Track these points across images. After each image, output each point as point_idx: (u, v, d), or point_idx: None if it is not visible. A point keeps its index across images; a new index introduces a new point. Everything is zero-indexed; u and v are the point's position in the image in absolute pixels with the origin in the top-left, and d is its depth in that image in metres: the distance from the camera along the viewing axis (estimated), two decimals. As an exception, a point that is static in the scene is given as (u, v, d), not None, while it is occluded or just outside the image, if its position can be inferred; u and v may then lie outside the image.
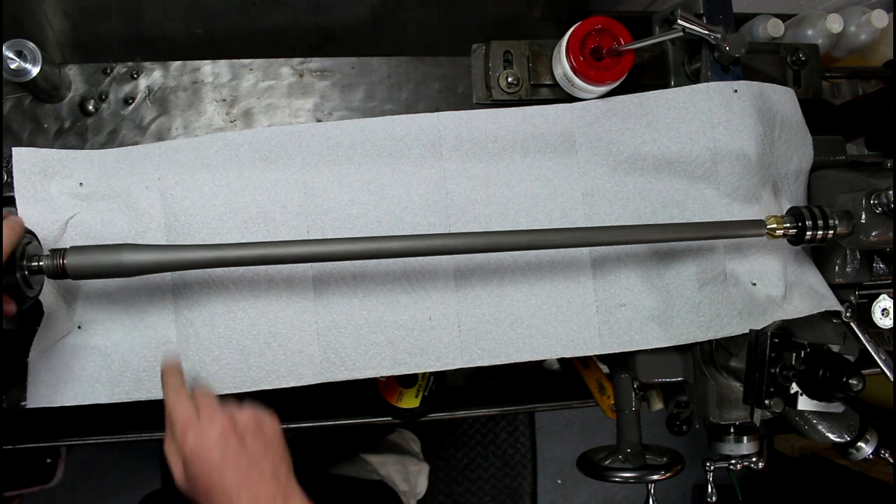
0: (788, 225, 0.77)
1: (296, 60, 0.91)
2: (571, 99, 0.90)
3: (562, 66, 0.86)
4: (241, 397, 0.79)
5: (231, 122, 0.89)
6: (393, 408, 1.01)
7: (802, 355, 0.72)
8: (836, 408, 0.75)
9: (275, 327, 0.79)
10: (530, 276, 0.85)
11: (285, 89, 0.90)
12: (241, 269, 0.78)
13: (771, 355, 0.74)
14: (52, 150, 0.78)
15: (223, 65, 0.89)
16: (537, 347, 0.84)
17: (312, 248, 0.68)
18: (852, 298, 0.90)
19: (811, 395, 0.72)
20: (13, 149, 0.76)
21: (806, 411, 0.86)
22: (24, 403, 0.77)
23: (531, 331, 0.84)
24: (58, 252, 0.64)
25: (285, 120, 0.90)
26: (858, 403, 0.95)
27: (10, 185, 0.75)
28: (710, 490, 0.92)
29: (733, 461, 0.89)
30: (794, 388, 0.73)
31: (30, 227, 0.67)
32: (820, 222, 0.76)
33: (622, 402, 0.98)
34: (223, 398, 0.81)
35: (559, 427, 2.35)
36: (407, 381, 1.02)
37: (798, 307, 0.84)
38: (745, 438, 0.89)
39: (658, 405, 1.02)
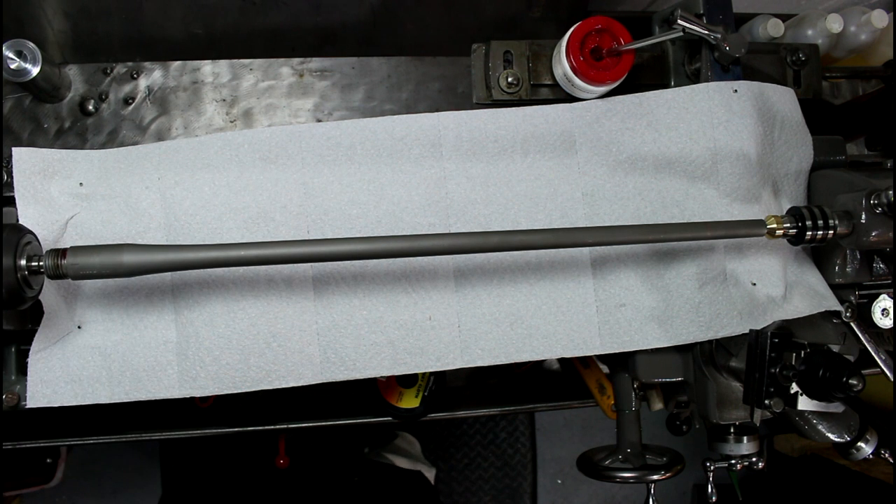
0: (788, 225, 0.77)
1: (296, 60, 0.91)
2: (571, 99, 0.90)
3: (562, 66, 0.86)
4: (240, 396, 0.79)
5: (231, 122, 0.89)
6: (393, 408, 1.01)
7: (802, 355, 0.72)
8: (836, 408, 0.75)
9: (275, 327, 0.79)
10: (530, 276, 0.85)
11: (285, 89, 0.90)
12: (241, 269, 0.78)
13: (771, 355, 0.74)
14: (52, 150, 0.78)
15: (223, 65, 0.89)
16: (537, 347, 0.84)
17: (312, 248, 0.67)
18: (852, 298, 0.90)
19: (811, 395, 0.72)
20: (13, 149, 0.75)
21: (806, 411, 0.86)
22: (24, 403, 0.77)
23: (531, 331, 0.84)
24: (58, 252, 0.64)
25: (285, 120, 0.90)
26: (858, 403, 0.95)
27: (10, 185, 0.75)
28: (710, 490, 0.92)
29: (733, 461, 0.89)
30: (794, 388, 0.73)
31: (30, 227, 0.67)
32: (820, 222, 0.76)
33: (622, 402, 0.98)
34: (222, 398, 0.81)
35: (559, 427, 2.35)
36: (407, 381, 1.02)
37: (798, 307, 0.84)
38: (745, 438, 0.89)
39: (658, 405, 1.02)
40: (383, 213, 0.82)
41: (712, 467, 0.90)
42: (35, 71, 0.78)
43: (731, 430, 0.89)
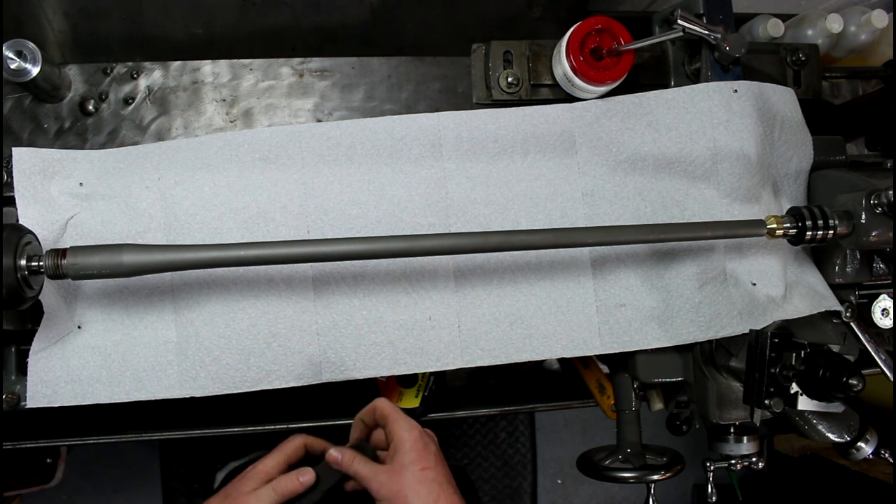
0: (788, 225, 0.77)
1: (296, 60, 0.91)
2: (571, 99, 0.90)
3: (562, 66, 0.86)
4: (240, 396, 0.79)
5: (231, 122, 0.89)
6: (393, 408, 1.01)
7: (802, 355, 0.72)
8: (836, 408, 0.75)
9: (275, 327, 0.79)
10: (530, 276, 0.85)
11: (285, 89, 0.90)
12: (241, 269, 0.78)
13: (771, 355, 0.74)
14: (52, 150, 0.78)
15: (223, 65, 0.89)
16: (537, 347, 0.84)
17: (312, 248, 0.67)
18: (852, 298, 0.90)
19: (811, 395, 0.72)
20: (13, 149, 0.76)
21: (806, 411, 0.86)
22: (24, 403, 0.77)
23: (531, 331, 0.84)
24: (58, 252, 0.64)
25: (285, 120, 0.90)
26: (858, 403, 0.95)
27: (10, 185, 0.75)
28: (710, 490, 0.92)
29: (733, 461, 0.89)
30: (794, 388, 0.73)
31: (30, 227, 0.67)
32: (820, 222, 0.76)
33: (622, 402, 0.98)
34: (222, 398, 0.81)
35: (559, 427, 2.35)
36: (407, 381, 1.02)
37: (798, 307, 0.84)
38: (745, 438, 0.89)
39: (658, 405, 1.02)
40: (383, 213, 0.82)
41: (712, 467, 0.90)
42: (35, 71, 0.78)
43: (731, 430, 0.89)
